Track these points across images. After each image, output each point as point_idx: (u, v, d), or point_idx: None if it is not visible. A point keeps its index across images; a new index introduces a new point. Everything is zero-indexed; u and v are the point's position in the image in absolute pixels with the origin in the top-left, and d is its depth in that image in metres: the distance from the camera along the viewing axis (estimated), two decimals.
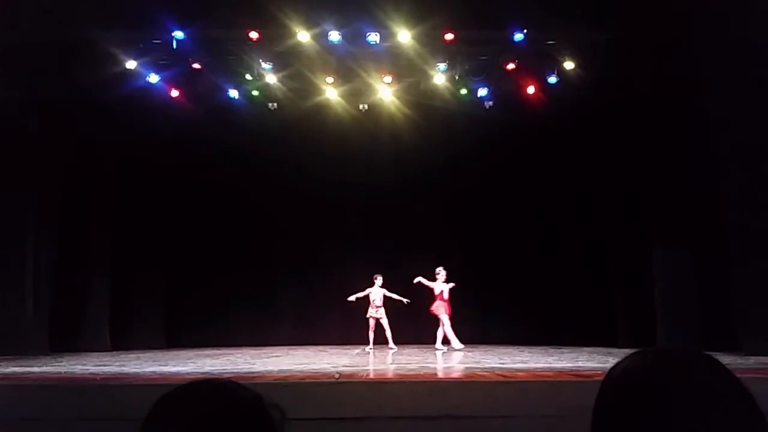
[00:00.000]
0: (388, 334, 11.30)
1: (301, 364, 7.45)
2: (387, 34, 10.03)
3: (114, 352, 10.80)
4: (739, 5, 8.25)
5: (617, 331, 11.38)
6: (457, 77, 10.86)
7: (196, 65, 10.50)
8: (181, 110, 11.29)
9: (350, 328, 12.11)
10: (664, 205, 10.40)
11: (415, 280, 11.11)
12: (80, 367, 7.32)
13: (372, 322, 11.32)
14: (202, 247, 13.49)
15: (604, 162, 12.12)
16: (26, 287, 10.14)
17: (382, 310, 11.32)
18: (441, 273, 11.04)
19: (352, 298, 11.32)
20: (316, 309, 13.12)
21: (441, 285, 11.01)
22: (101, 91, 10.39)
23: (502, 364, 7.33)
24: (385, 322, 11.33)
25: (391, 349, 10.99)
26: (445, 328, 10.86)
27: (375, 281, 11.37)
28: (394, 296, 11.30)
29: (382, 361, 8.26)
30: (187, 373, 6.40)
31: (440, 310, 10.94)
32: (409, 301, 11.25)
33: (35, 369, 6.85)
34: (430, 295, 11.15)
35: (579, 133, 11.94)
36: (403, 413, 4.34)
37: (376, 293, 11.31)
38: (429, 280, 11.04)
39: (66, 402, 4.58)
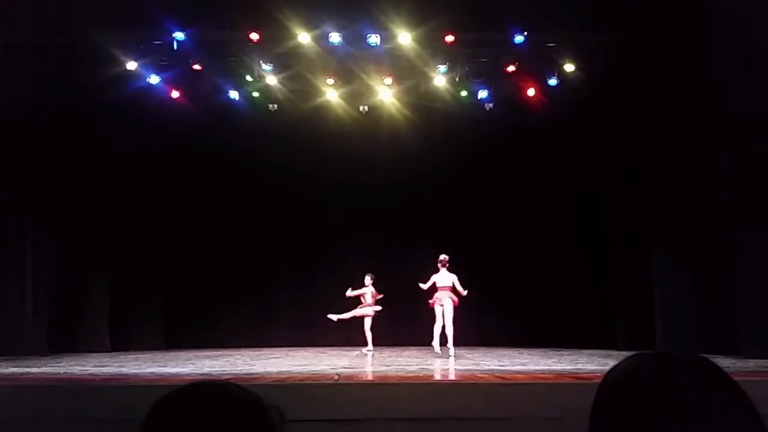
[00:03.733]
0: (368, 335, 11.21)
1: (301, 365, 7.44)
2: (387, 36, 10.03)
3: (113, 353, 10.78)
4: (739, 8, 8.25)
5: (616, 333, 11.39)
6: (457, 79, 10.85)
7: (196, 66, 10.49)
8: (181, 111, 11.28)
9: (350, 330, 12.10)
10: (663, 206, 10.41)
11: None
12: (79, 367, 7.32)
13: (367, 322, 11.21)
14: (202, 248, 13.50)
15: (604, 164, 12.14)
16: (26, 288, 10.14)
17: (368, 307, 11.18)
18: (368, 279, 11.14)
19: (349, 293, 11.15)
20: (315, 310, 13.07)
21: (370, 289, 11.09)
22: (102, 91, 10.39)
23: (502, 366, 7.33)
24: (368, 320, 11.19)
25: (369, 352, 10.75)
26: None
27: (366, 280, 11.27)
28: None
29: (382, 363, 8.25)
30: (187, 375, 6.39)
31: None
32: (382, 295, 11.10)
33: (34, 370, 6.84)
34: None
35: (579, 134, 11.94)
36: (402, 415, 4.33)
37: (367, 292, 11.22)
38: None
39: (65, 403, 4.58)
